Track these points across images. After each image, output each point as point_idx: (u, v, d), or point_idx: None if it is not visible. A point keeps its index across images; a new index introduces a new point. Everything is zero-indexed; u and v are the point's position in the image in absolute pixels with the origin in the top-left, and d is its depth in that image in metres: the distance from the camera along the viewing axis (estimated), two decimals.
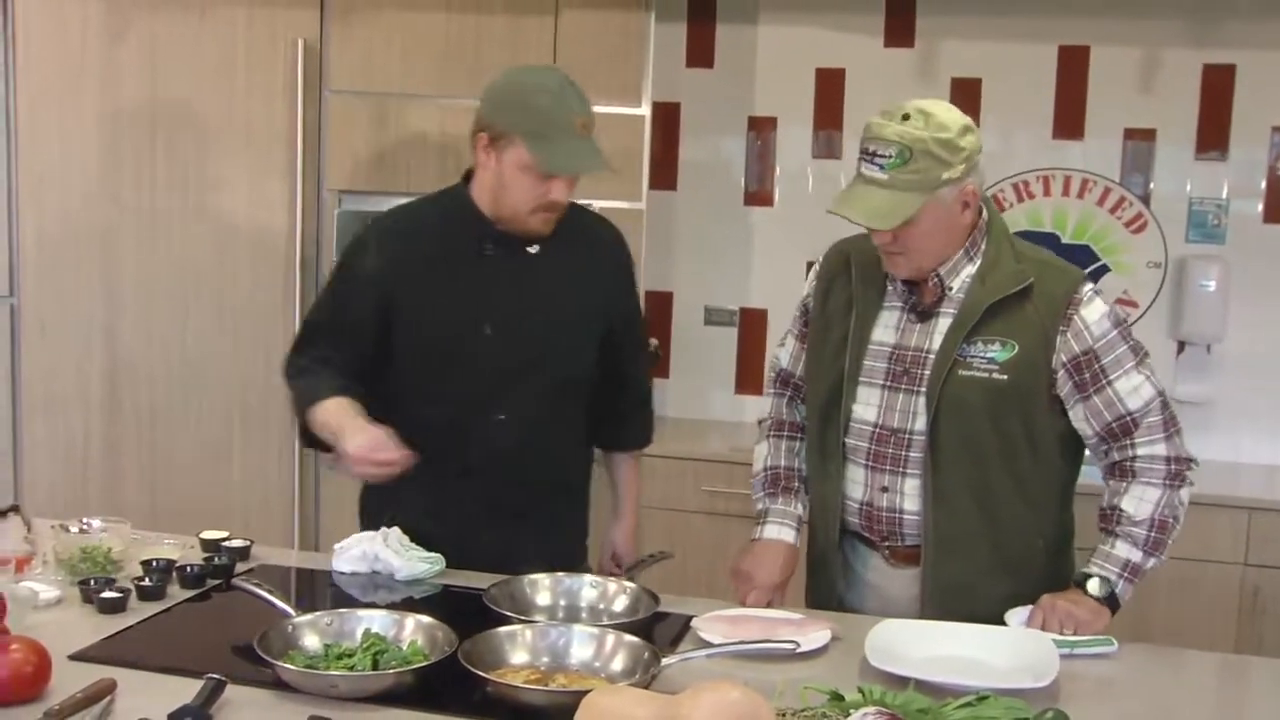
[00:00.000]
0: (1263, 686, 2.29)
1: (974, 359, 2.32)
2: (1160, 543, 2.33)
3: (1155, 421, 2.34)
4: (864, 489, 2.43)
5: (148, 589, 2.26)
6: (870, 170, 2.26)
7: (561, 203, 2.47)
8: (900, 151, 2.21)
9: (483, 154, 2.47)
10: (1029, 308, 2.32)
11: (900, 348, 2.40)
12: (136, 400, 3.92)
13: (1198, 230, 4.28)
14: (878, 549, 2.46)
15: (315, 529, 3.99)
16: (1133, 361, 2.33)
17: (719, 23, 4.56)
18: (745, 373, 4.64)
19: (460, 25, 3.88)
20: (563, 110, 2.39)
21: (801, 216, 4.55)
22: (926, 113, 2.24)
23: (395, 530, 2.53)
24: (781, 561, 2.50)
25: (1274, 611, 3.76)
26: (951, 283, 2.36)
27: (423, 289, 2.52)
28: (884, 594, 2.47)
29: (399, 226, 2.60)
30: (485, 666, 1.90)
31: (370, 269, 2.54)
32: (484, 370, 2.53)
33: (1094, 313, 2.32)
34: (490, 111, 2.46)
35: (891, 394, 2.39)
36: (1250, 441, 4.23)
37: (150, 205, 3.86)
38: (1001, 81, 4.33)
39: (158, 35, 3.81)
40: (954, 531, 2.36)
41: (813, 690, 1.83)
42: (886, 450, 2.39)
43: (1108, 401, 2.32)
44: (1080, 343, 2.31)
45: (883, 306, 2.43)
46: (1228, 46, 4.18)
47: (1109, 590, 2.30)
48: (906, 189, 2.23)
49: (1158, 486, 2.33)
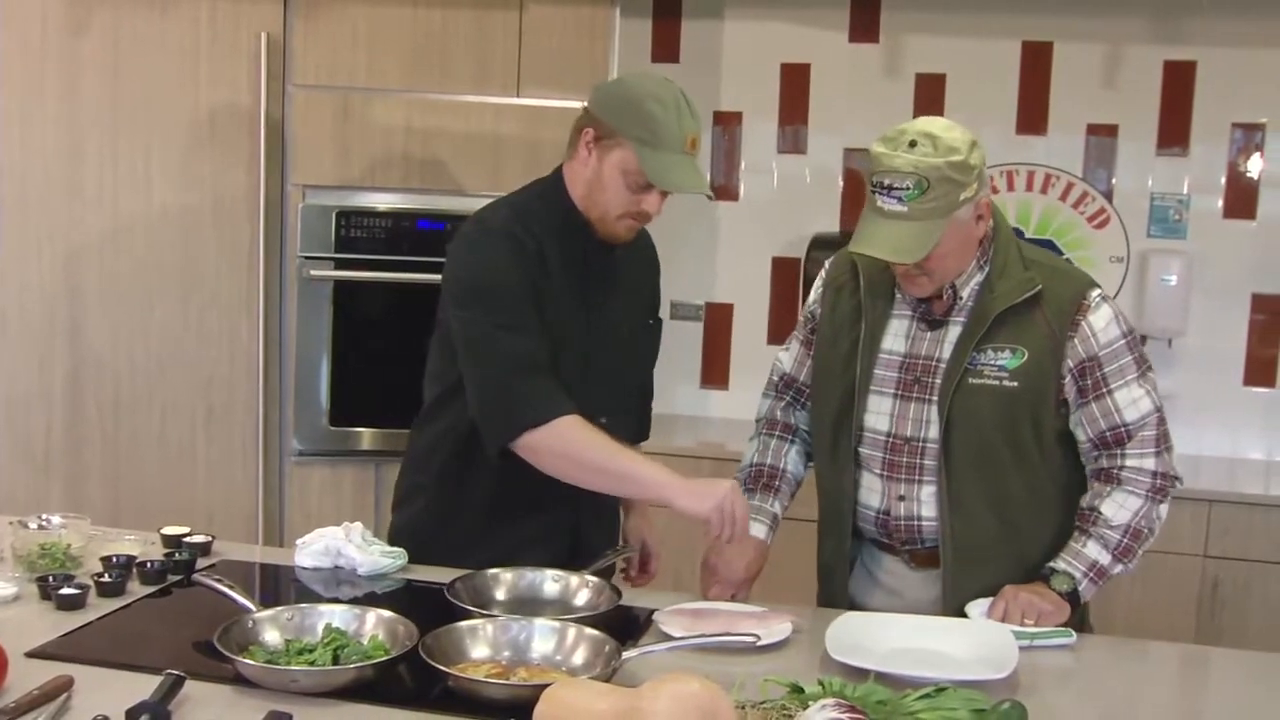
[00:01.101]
0: (1222, 677, 2.32)
1: (984, 367, 2.32)
2: (1130, 550, 2.34)
3: (1149, 436, 2.35)
4: (881, 497, 2.43)
5: (107, 585, 2.24)
6: (888, 204, 2.22)
7: (651, 214, 2.43)
8: (918, 182, 2.18)
9: (584, 149, 2.41)
10: (1038, 314, 2.32)
11: (911, 356, 2.40)
12: (100, 397, 3.89)
13: (1159, 225, 4.32)
14: (898, 553, 2.46)
15: (280, 525, 3.97)
16: (1135, 373, 2.34)
17: (684, 18, 4.57)
18: (711, 367, 4.65)
19: (425, 19, 3.87)
20: (677, 124, 2.34)
21: (767, 211, 4.57)
22: (933, 136, 2.21)
23: (358, 525, 2.53)
24: (749, 558, 2.50)
25: (1233, 603, 3.80)
26: (963, 291, 2.36)
27: (549, 294, 2.43)
28: (903, 596, 2.47)
29: (522, 232, 2.44)
30: (447, 661, 1.90)
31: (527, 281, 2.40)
32: (592, 375, 2.49)
33: (1101, 319, 2.32)
34: (602, 110, 2.39)
35: (903, 403, 2.39)
36: (1211, 434, 4.28)
37: (114, 201, 3.83)
38: (965, 77, 4.36)
39: (120, 29, 3.78)
40: (972, 538, 2.36)
41: (773, 683, 1.84)
42: (901, 459, 2.39)
43: (1105, 410, 2.33)
44: (1086, 348, 2.31)
45: (891, 315, 2.43)
46: (1189, 43, 4.22)
47: (1072, 587, 2.31)
48: (928, 217, 2.20)
49: (1140, 497, 2.34)
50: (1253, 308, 4.28)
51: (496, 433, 2.34)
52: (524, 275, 2.38)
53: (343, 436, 3.95)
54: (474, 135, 3.90)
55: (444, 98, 3.90)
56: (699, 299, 4.63)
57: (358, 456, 3.96)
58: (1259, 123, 4.21)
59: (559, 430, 2.31)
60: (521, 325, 2.36)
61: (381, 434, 3.94)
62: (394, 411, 3.90)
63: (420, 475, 2.61)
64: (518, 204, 2.50)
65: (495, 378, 2.35)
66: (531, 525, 2.50)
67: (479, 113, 3.91)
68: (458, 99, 3.90)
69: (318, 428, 3.93)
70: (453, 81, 3.90)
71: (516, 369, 2.34)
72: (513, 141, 3.90)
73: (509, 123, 3.92)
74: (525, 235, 2.41)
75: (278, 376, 3.93)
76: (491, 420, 2.35)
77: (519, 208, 2.48)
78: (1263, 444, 4.30)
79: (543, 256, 2.42)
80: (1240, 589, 3.80)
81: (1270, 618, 3.77)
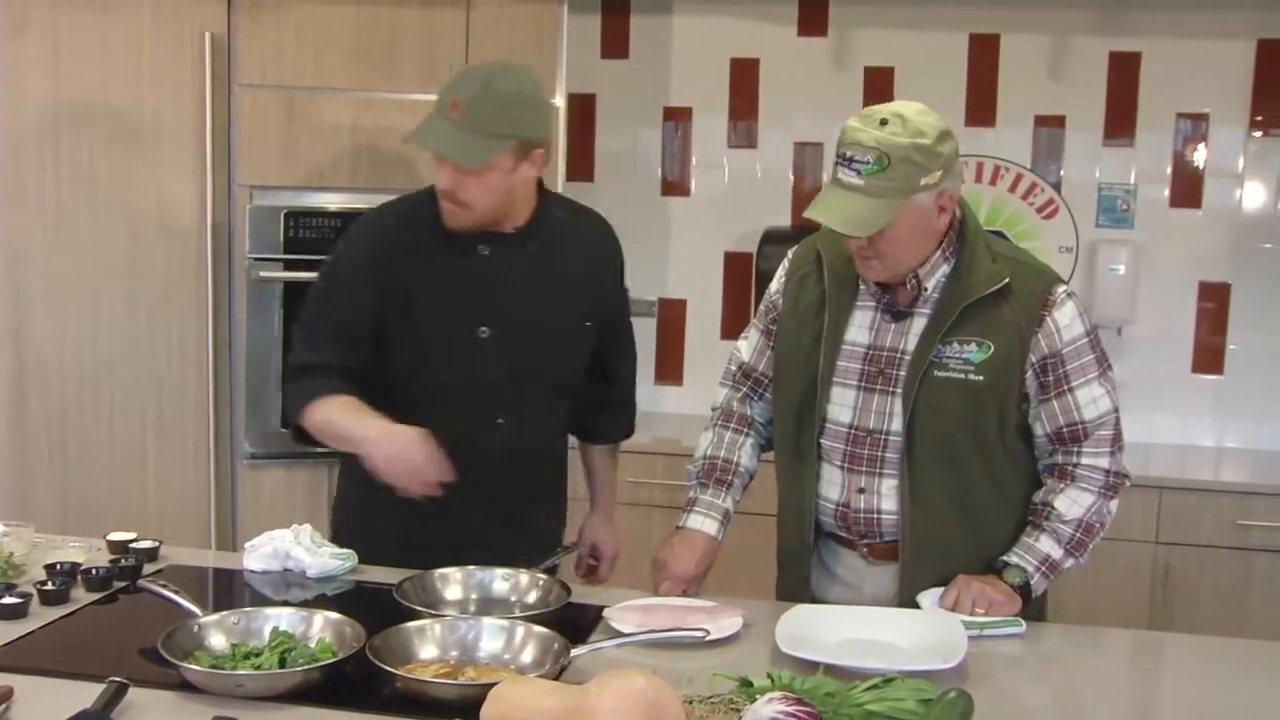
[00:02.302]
0: (1174, 662, 2.34)
1: (950, 360, 2.31)
2: (1082, 544, 2.35)
3: (1106, 435, 2.36)
4: (840, 489, 2.42)
5: (50, 593, 2.21)
6: (848, 176, 2.21)
7: (446, 189, 2.41)
8: (879, 158, 2.18)
9: None
10: (1005, 308, 2.31)
11: (875, 348, 2.38)
12: (46, 402, 3.84)
13: (1107, 215, 4.35)
14: (855, 547, 2.46)
15: (232, 529, 3.94)
16: (1096, 372, 2.34)
17: (633, 14, 4.57)
18: (665, 363, 4.65)
19: (372, 18, 3.85)
20: (447, 90, 2.38)
21: (718, 206, 4.57)
22: (904, 117, 2.20)
23: (307, 527, 2.51)
24: (700, 554, 2.48)
25: (1185, 589, 3.84)
26: (927, 283, 2.34)
27: (418, 288, 2.45)
28: (861, 591, 2.47)
29: (389, 223, 2.53)
30: (395, 662, 1.89)
31: (364, 268, 2.47)
32: (479, 373, 2.49)
33: (1066, 315, 2.32)
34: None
35: (867, 395, 2.38)
36: (1161, 422, 4.32)
37: (56, 203, 3.78)
38: (913, 70, 4.38)
39: (60, 29, 3.73)
40: (931, 531, 2.36)
41: (721, 677, 1.84)
42: (863, 451, 2.39)
43: (1065, 407, 2.33)
44: (1050, 344, 2.31)
45: (855, 306, 2.42)
46: (1134, 35, 4.26)
47: (1024, 580, 2.32)
48: (883, 195, 2.19)
49: (1093, 493, 2.35)
50: (1200, 296, 4.32)
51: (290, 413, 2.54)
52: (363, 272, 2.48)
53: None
54: None
55: (391, 96, 3.87)
56: (652, 295, 4.63)
57: (310, 459, 3.92)
58: (1203, 113, 4.26)
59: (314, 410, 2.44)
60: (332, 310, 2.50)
61: None
62: None
63: (347, 476, 2.63)
64: (409, 202, 2.58)
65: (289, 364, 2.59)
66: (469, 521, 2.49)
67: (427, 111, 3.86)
68: (405, 97, 3.87)
69: (269, 430, 3.89)
70: (400, 80, 3.88)
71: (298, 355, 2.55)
72: None
73: None
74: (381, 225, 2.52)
75: (228, 379, 3.89)
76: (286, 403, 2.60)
77: (404, 200, 2.59)
78: (1211, 430, 4.35)
79: (415, 254, 2.46)
80: (1191, 574, 3.84)
81: (1221, 602, 3.81)
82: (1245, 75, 4.21)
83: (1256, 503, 3.80)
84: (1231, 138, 4.25)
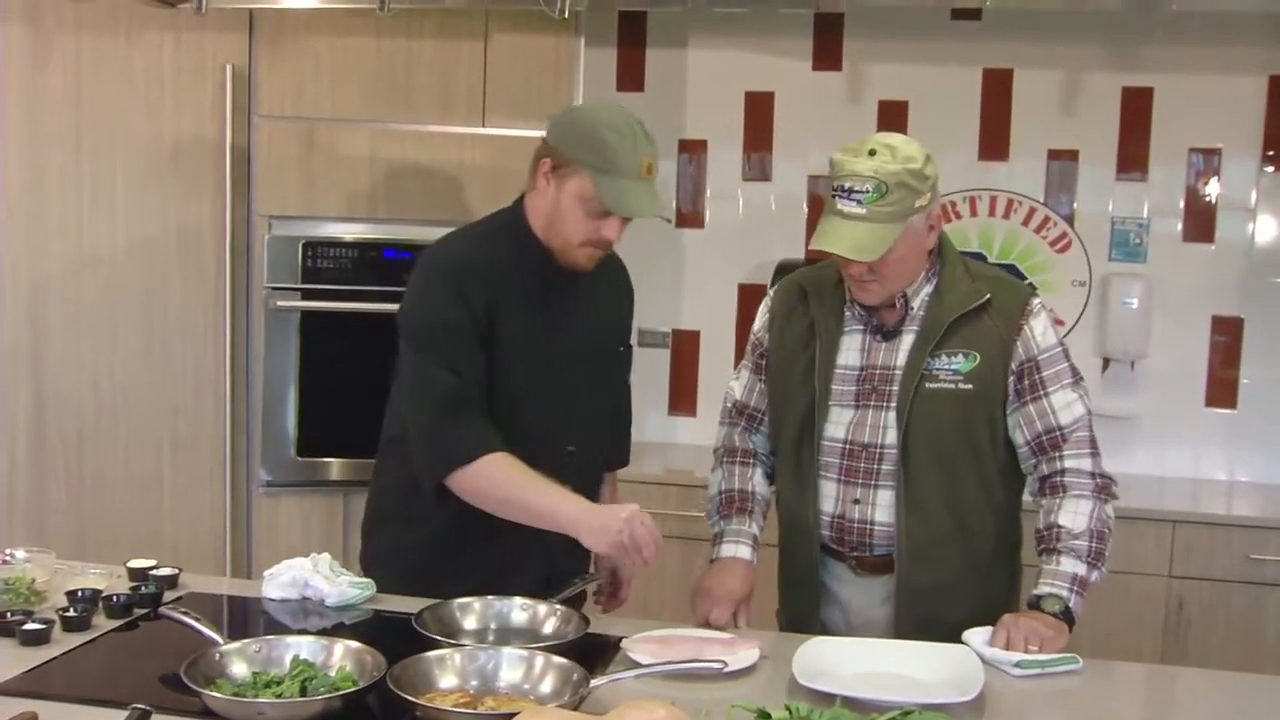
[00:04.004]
0: (1189, 696, 2.34)
1: (940, 371, 2.42)
2: (1100, 554, 2.40)
3: (1083, 438, 2.44)
4: (835, 502, 2.49)
5: (72, 620, 2.23)
6: (848, 205, 2.32)
7: (612, 240, 2.46)
8: (877, 186, 2.30)
9: (542, 179, 2.44)
10: (986, 320, 2.44)
11: (867, 368, 2.48)
12: (64, 429, 3.86)
13: (1120, 249, 4.36)
14: (845, 560, 2.51)
15: (248, 556, 3.95)
16: (1070, 379, 2.44)
17: (649, 47, 4.60)
18: (678, 394, 4.66)
19: (390, 50, 3.89)
20: (632, 150, 2.37)
21: (733, 238, 4.59)
22: (891, 146, 2.33)
23: (325, 556, 2.52)
24: (740, 576, 2.53)
25: (1199, 623, 3.83)
26: (914, 302, 2.45)
27: (506, 326, 2.45)
28: (850, 604, 2.52)
29: (475, 265, 2.46)
30: (414, 691, 1.90)
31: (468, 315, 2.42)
32: (556, 404, 2.51)
33: (1040, 324, 2.44)
34: (558, 139, 2.42)
35: (861, 411, 2.47)
36: (1174, 455, 4.32)
37: (77, 231, 3.82)
38: (927, 104, 4.40)
39: (83, 59, 3.77)
40: (926, 538, 2.43)
41: (740, 709, 1.84)
42: (858, 465, 2.46)
43: (1041, 411, 2.42)
44: (1027, 350, 2.42)
45: (844, 332, 2.51)
46: (1146, 70, 4.28)
47: (1064, 606, 2.34)
48: (885, 220, 2.31)
49: (1088, 499, 2.41)
50: (1213, 329, 4.32)
51: (429, 471, 2.40)
52: (464, 314, 2.40)
53: (310, 467, 3.93)
54: (439, 165, 3.91)
55: (409, 128, 3.91)
56: (665, 326, 4.64)
57: (326, 486, 3.95)
58: (1215, 148, 4.27)
59: (481, 468, 2.35)
60: (453, 365, 2.39)
61: (349, 464, 3.93)
62: (362, 441, 3.86)
63: (388, 506, 2.61)
64: (476, 235, 2.54)
65: (426, 418, 2.41)
66: (503, 554, 2.49)
67: (444, 143, 3.92)
68: (423, 129, 3.91)
69: (285, 458, 3.92)
70: (418, 112, 3.92)
71: (445, 409, 2.38)
72: (478, 171, 3.92)
73: (474, 153, 3.93)
74: (475, 269, 2.43)
75: (244, 407, 3.92)
76: (424, 459, 2.41)
77: (476, 239, 2.52)
78: (1224, 464, 4.34)
79: (496, 288, 2.44)
80: (1205, 609, 3.82)
81: (1234, 636, 3.80)
82: (1257, 110, 4.23)
83: (1270, 537, 3.79)
84: (1244, 172, 4.27)
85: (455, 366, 2.39)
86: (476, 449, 2.35)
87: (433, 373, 2.39)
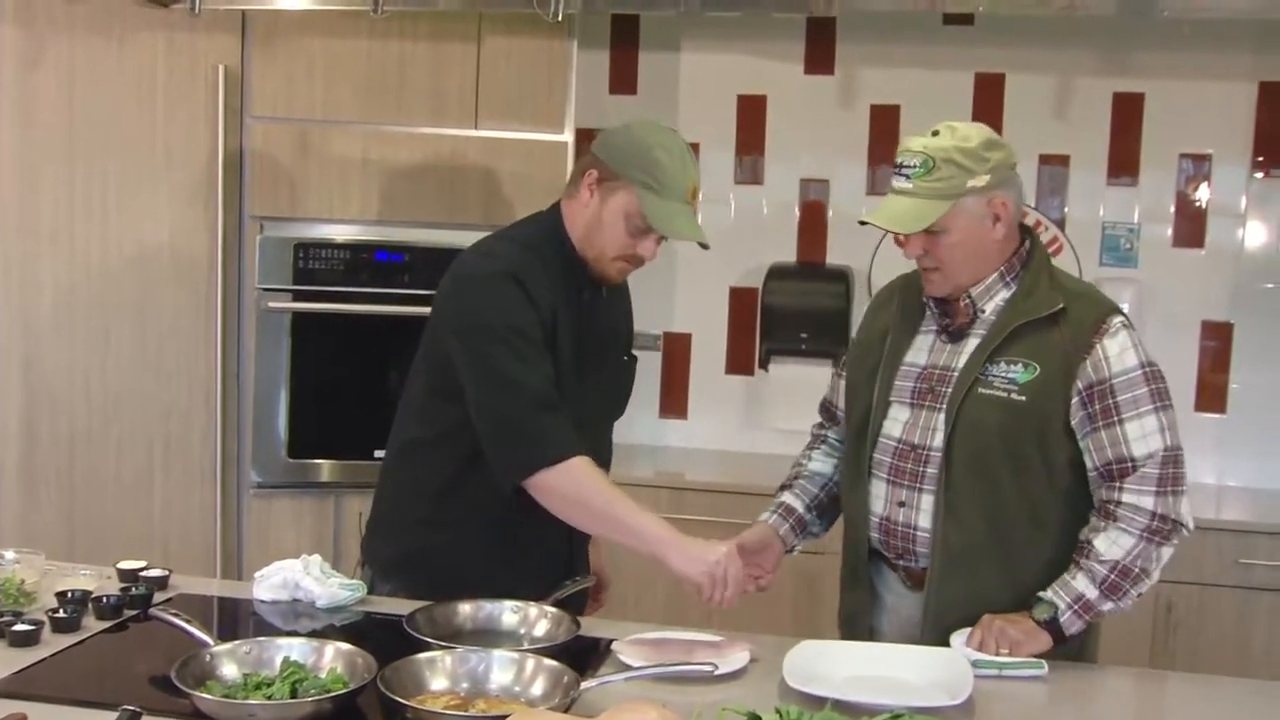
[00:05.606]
0: (1175, 701, 2.35)
1: (995, 378, 2.34)
2: (1119, 588, 2.29)
3: (1151, 474, 2.29)
4: (884, 503, 2.46)
5: (62, 621, 2.23)
6: (898, 182, 2.35)
7: (646, 258, 2.49)
8: (924, 161, 2.31)
9: (586, 190, 2.46)
10: (1056, 333, 2.33)
11: (929, 367, 2.44)
12: (55, 430, 3.85)
13: (1111, 254, 4.37)
14: (896, 569, 2.49)
15: (238, 558, 3.95)
16: (1150, 406, 2.30)
17: (641, 50, 4.61)
18: (669, 397, 4.66)
19: (383, 52, 3.89)
20: (681, 173, 2.40)
21: (724, 241, 4.58)
22: (954, 128, 2.35)
23: (316, 557, 2.52)
24: (758, 535, 2.57)
25: (1187, 627, 3.83)
26: (984, 305, 2.40)
27: (559, 333, 2.47)
28: (899, 615, 2.49)
29: (535, 271, 2.44)
30: (405, 693, 1.90)
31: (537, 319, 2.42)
32: (577, 412, 2.49)
33: (1116, 345, 2.31)
34: (608, 154, 2.44)
35: (916, 411, 2.44)
36: None
37: (69, 233, 3.81)
38: (919, 108, 4.40)
39: (75, 61, 3.77)
40: (962, 547, 2.36)
41: (730, 711, 1.84)
42: (906, 465, 2.43)
43: (1113, 439, 2.30)
44: (1098, 372, 2.30)
45: (919, 331, 2.49)
46: (1137, 76, 4.29)
47: (1052, 615, 2.29)
48: (930, 196, 2.31)
49: (1134, 536, 2.28)
50: (1202, 334, 4.34)
51: (511, 470, 2.36)
52: (535, 317, 2.41)
53: (301, 468, 3.93)
54: (432, 167, 3.92)
55: (402, 130, 3.92)
56: (657, 329, 4.65)
57: (317, 488, 3.95)
58: (1206, 153, 4.29)
59: (570, 472, 2.33)
60: (535, 366, 2.39)
61: (341, 465, 3.93)
62: (353, 443, 3.91)
63: (409, 510, 2.60)
64: (525, 241, 2.51)
65: (513, 415, 2.36)
66: (531, 560, 2.52)
67: (436, 144, 3.93)
68: (415, 131, 3.92)
69: (276, 460, 3.91)
70: (410, 114, 3.92)
71: (533, 407, 2.36)
72: (471, 173, 3.92)
73: (467, 154, 3.94)
74: (536, 275, 2.43)
75: (235, 409, 3.91)
76: (507, 457, 2.37)
77: (527, 245, 2.50)
78: (1214, 469, 4.35)
79: (555, 295, 2.46)
80: (1193, 613, 3.83)
81: (1223, 641, 3.81)
82: (1247, 117, 4.25)
83: (1259, 541, 3.80)
84: (1234, 178, 4.28)
85: (538, 368, 2.39)
86: (566, 450, 2.33)
87: (515, 372, 2.36)
